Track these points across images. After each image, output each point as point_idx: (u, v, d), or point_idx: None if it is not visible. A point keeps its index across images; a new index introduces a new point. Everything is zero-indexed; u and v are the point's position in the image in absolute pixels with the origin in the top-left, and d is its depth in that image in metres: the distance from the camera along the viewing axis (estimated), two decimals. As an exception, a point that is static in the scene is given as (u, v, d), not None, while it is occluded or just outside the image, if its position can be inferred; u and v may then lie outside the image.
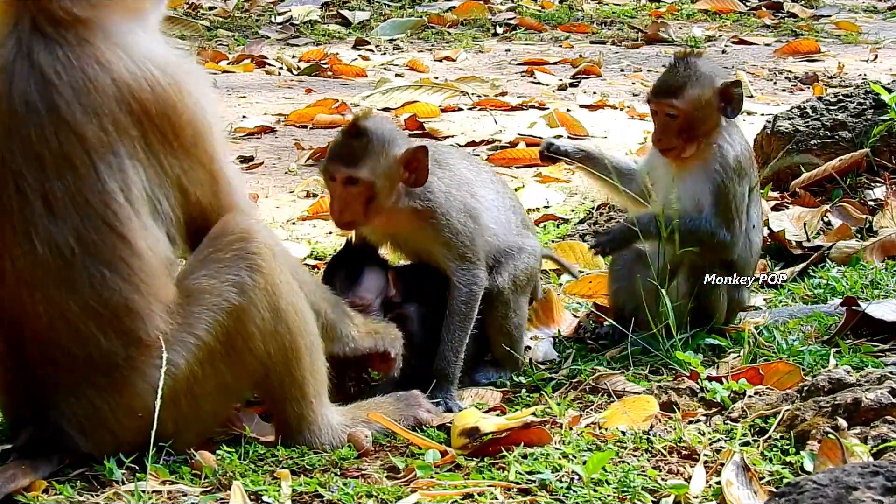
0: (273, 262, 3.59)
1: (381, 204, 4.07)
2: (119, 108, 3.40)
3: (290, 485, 3.40)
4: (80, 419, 3.46)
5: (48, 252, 3.37)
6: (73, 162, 3.37)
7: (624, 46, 11.85)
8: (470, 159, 4.49)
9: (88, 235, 3.38)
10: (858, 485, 2.65)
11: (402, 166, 4.07)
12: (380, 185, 4.04)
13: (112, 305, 3.40)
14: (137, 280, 3.42)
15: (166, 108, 3.46)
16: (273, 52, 11.18)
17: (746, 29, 12.65)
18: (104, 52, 3.42)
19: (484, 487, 3.38)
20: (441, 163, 4.25)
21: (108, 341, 3.41)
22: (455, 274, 4.16)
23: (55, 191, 3.37)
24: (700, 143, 4.41)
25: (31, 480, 3.37)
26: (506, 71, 10.64)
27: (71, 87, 3.38)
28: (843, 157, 6.20)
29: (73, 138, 3.37)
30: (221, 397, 3.61)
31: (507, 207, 4.42)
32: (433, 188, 4.16)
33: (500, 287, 4.26)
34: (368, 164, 4.03)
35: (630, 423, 3.75)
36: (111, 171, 3.38)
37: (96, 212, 3.38)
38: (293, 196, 6.98)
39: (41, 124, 3.37)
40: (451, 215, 4.16)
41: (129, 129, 3.42)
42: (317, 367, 3.70)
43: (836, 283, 5.06)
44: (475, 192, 4.28)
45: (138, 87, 3.42)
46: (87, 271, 3.39)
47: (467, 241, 4.17)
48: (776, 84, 10.16)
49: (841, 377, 3.74)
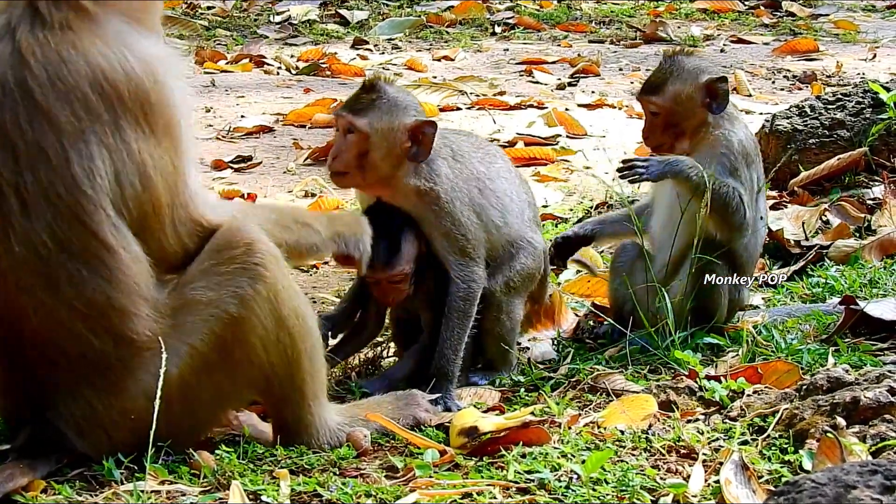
0: (276, 268, 3.55)
1: (374, 164, 4.07)
2: (92, 90, 3.35)
3: (288, 484, 3.40)
4: (77, 420, 3.45)
5: (25, 251, 3.34)
6: (46, 152, 3.32)
7: (622, 45, 11.84)
8: (485, 149, 4.43)
9: (61, 232, 3.34)
10: (857, 483, 2.65)
11: (406, 134, 4.07)
12: (375, 142, 4.05)
13: (96, 304, 3.37)
14: (115, 278, 3.37)
15: (139, 94, 3.40)
16: (271, 52, 11.17)
17: (745, 28, 12.64)
18: (82, 39, 3.38)
19: (483, 487, 3.38)
20: (457, 154, 4.25)
21: (99, 341, 3.39)
22: (454, 269, 4.15)
23: (28, 184, 3.33)
24: (691, 138, 4.45)
25: (29, 480, 3.37)
26: (504, 70, 10.63)
27: (45, 70, 3.34)
28: (841, 156, 6.21)
29: (46, 125, 3.33)
30: (218, 404, 3.60)
31: (524, 200, 4.41)
32: (441, 172, 4.16)
33: (491, 289, 4.25)
34: (369, 117, 4.05)
35: (629, 423, 3.75)
36: (80, 160, 3.33)
37: (67, 205, 3.33)
38: (292, 196, 6.98)
39: (16, 110, 3.34)
40: (454, 204, 4.15)
41: (102, 113, 3.36)
42: (316, 368, 3.68)
43: (835, 282, 5.06)
44: (485, 186, 4.27)
45: (111, 70, 3.37)
46: (65, 270, 3.35)
47: (469, 235, 4.16)
48: (774, 83, 10.15)
49: (839, 376, 3.74)
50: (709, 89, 4.45)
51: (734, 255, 4.48)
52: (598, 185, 6.96)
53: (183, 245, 3.50)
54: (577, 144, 7.92)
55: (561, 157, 7.65)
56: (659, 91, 4.46)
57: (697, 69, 4.49)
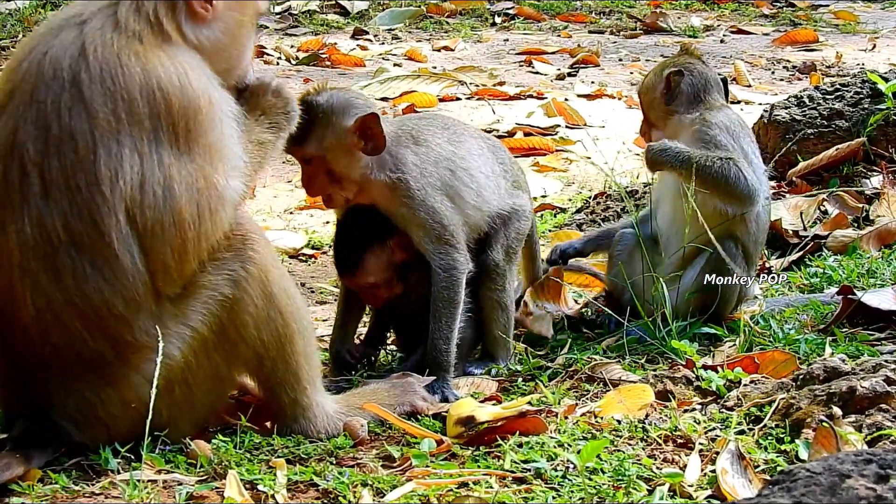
0: (265, 249, 3.60)
1: (343, 175, 4.08)
2: (140, 96, 3.38)
3: (285, 474, 3.40)
4: (71, 412, 3.45)
5: (37, 234, 3.35)
6: (77, 141, 3.34)
7: (622, 36, 11.83)
8: (452, 129, 4.38)
9: (74, 224, 3.35)
10: (852, 472, 2.65)
11: (354, 135, 4.06)
12: (332, 158, 4.06)
13: (94, 306, 3.37)
14: (118, 284, 3.37)
15: (189, 109, 3.42)
16: (272, 42, 11.17)
17: (745, 18, 12.64)
18: (147, 52, 3.42)
19: (479, 476, 3.38)
20: (418, 139, 4.22)
21: (94, 342, 3.40)
22: (434, 258, 4.13)
23: (52, 169, 3.35)
24: (665, 126, 4.58)
25: (25, 469, 3.37)
26: (504, 60, 10.63)
27: (100, 67, 3.37)
28: (839, 147, 6.21)
29: (84, 117, 3.35)
30: (215, 386, 3.61)
31: (497, 173, 4.38)
32: (406, 160, 4.14)
33: (495, 260, 4.26)
34: (315, 139, 4.05)
35: (625, 412, 3.75)
36: (108, 159, 3.35)
37: (84, 200, 3.34)
38: (290, 185, 6.98)
39: (60, 95, 3.36)
40: (426, 191, 4.13)
41: (144, 120, 3.38)
42: (310, 352, 3.70)
43: (833, 272, 5.06)
44: (457, 166, 4.24)
45: (167, 81, 3.40)
46: (71, 262, 3.36)
47: (445, 221, 4.13)
48: (774, 73, 10.15)
49: (836, 366, 3.74)
50: (668, 81, 4.58)
51: (743, 246, 4.48)
52: (597, 174, 6.97)
53: (197, 258, 3.47)
54: (576, 134, 7.93)
55: (560, 148, 7.65)
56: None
57: (661, 66, 4.68)
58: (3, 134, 3.42)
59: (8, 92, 3.46)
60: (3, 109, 3.45)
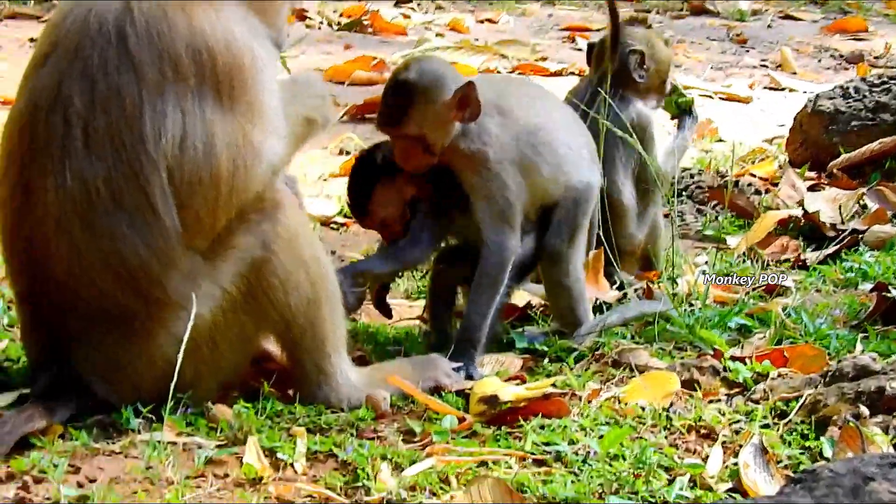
0: (297, 215, 3.59)
1: (437, 145, 4.04)
2: (185, 52, 3.37)
3: (304, 443, 3.40)
4: (97, 367, 3.45)
5: (77, 188, 3.35)
6: (124, 98, 3.34)
7: (669, 16, 11.73)
8: (544, 100, 4.33)
9: (116, 182, 3.35)
10: (875, 475, 2.61)
11: (453, 108, 4.02)
12: (432, 134, 4.02)
13: (128, 265, 3.37)
14: (155, 244, 3.37)
15: (233, 66, 3.41)
16: (314, 6, 11.13)
17: (794, 4, 12.49)
18: (194, 7, 3.41)
19: (499, 456, 3.37)
20: (502, 108, 4.15)
21: (125, 298, 3.40)
22: (489, 233, 4.08)
23: (97, 124, 3.35)
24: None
25: (48, 423, 3.37)
26: (547, 36, 10.56)
27: (146, 22, 3.37)
28: (883, 140, 6.13)
29: (132, 73, 3.35)
30: (242, 347, 3.61)
31: (581, 145, 4.33)
32: (490, 131, 4.09)
33: (556, 248, 4.21)
34: (414, 119, 4.00)
35: (650, 399, 3.72)
36: (153, 114, 3.35)
37: (128, 157, 3.34)
38: (326, 152, 6.96)
39: (107, 51, 3.36)
40: (503, 165, 4.08)
41: (189, 77, 3.38)
42: (336, 319, 3.69)
43: (869, 268, 5.00)
44: (539, 140, 4.17)
45: (213, 38, 3.40)
46: (109, 219, 3.35)
47: (512, 198, 4.08)
48: (820, 62, 10.03)
49: (866, 364, 3.69)
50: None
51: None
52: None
53: (227, 214, 3.46)
54: (616, 114, 7.84)
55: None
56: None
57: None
58: (46, 84, 3.42)
59: (52, 43, 3.46)
60: (45, 59, 3.45)
